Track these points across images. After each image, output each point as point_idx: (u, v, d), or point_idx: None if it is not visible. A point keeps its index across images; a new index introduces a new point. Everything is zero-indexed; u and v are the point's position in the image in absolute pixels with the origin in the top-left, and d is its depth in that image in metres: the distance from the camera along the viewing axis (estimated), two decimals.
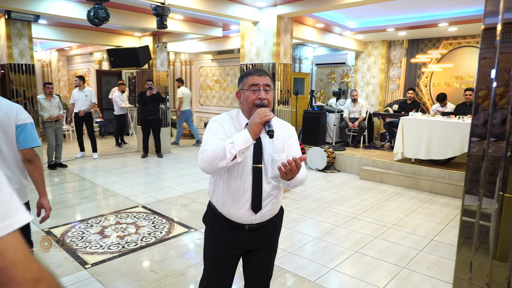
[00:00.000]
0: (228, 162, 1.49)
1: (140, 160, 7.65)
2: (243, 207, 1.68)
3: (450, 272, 3.13)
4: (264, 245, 1.84)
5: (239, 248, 1.79)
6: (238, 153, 1.49)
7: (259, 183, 1.67)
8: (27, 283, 0.58)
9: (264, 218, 1.75)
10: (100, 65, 11.24)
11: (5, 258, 0.57)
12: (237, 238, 1.76)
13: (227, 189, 1.70)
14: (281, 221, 1.94)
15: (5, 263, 0.57)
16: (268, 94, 1.66)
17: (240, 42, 5.49)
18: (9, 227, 0.59)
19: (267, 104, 1.65)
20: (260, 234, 1.79)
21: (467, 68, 7.36)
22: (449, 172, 5.69)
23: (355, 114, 7.80)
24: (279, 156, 1.68)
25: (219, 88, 10.41)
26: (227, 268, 1.82)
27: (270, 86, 1.68)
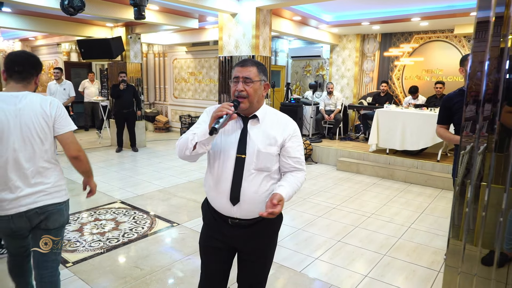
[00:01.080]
0: (190, 151, 1.59)
1: (115, 155, 7.45)
2: (223, 196, 1.67)
3: (428, 257, 3.28)
4: (255, 250, 1.78)
5: (224, 242, 1.76)
6: (199, 145, 1.56)
7: (240, 173, 1.64)
8: (80, 150, 2.02)
9: (246, 215, 1.68)
10: (68, 57, 10.78)
11: (74, 138, 2.01)
12: (222, 231, 1.74)
13: (211, 176, 1.72)
14: (275, 229, 1.82)
15: (74, 141, 2.00)
16: (248, 86, 1.61)
17: (218, 34, 5.43)
18: (73, 126, 2.00)
19: (247, 96, 1.61)
20: (246, 234, 1.73)
21: (437, 61, 7.64)
22: (421, 162, 5.92)
23: (330, 107, 7.93)
24: (265, 149, 1.64)
25: (194, 80, 10.26)
26: (216, 260, 1.81)
27: (250, 78, 1.61)
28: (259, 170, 1.65)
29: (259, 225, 1.73)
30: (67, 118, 1.99)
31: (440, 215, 4.36)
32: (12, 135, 1.85)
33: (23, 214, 1.90)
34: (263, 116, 1.69)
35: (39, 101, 1.90)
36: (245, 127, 1.66)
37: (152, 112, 11.00)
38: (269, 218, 1.66)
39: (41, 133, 1.90)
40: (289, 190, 1.63)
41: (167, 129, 10.90)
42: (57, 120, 1.94)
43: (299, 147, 1.73)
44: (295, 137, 1.71)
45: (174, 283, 2.79)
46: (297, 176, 1.71)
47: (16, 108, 1.85)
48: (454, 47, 7.39)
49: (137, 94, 7.71)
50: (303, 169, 1.75)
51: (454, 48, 7.40)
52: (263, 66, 1.70)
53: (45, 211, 1.95)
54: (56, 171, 2.03)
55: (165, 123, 10.82)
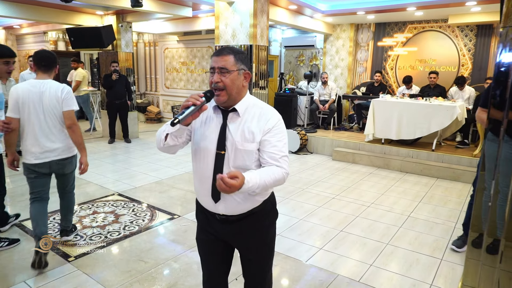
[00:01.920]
0: (162, 143, 1.57)
1: (108, 146, 7.32)
2: (205, 194, 1.62)
3: (429, 245, 3.33)
4: (249, 247, 1.72)
5: (215, 235, 1.70)
6: (170, 136, 1.53)
7: (220, 170, 1.54)
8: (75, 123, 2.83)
9: (232, 211, 1.61)
10: (55, 45, 10.48)
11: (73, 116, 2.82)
12: (212, 224, 1.70)
13: (195, 172, 1.68)
14: (266, 223, 1.72)
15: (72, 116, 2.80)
16: (224, 77, 1.49)
17: (215, 23, 5.32)
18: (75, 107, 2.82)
19: (223, 88, 1.49)
20: (236, 229, 1.66)
21: (430, 51, 7.68)
22: (417, 151, 5.98)
23: (325, 97, 7.92)
24: (243, 146, 1.52)
25: (186, 70, 10.11)
26: (211, 252, 1.77)
27: (226, 68, 1.49)
28: (237, 167, 1.54)
29: (248, 219, 1.64)
30: (71, 100, 2.84)
31: (438, 204, 4.42)
32: (37, 109, 2.74)
33: (47, 163, 2.83)
34: (243, 109, 1.56)
35: (55, 87, 2.79)
36: (225, 122, 1.55)
37: (143, 103, 10.83)
38: (257, 213, 1.64)
39: (54, 109, 2.79)
40: (256, 176, 1.43)
41: (159, 119, 10.75)
42: (64, 101, 2.80)
43: (278, 142, 1.54)
44: (275, 130, 1.54)
45: (181, 275, 2.77)
46: (272, 169, 1.51)
47: (40, 91, 2.75)
48: (447, 37, 7.43)
49: (129, 85, 7.57)
50: (282, 167, 1.54)
51: (447, 38, 7.44)
52: (242, 54, 1.55)
53: (61, 162, 2.90)
54: (67, 136, 2.89)
55: (156, 113, 10.67)
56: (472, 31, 7.17)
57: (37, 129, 2.75)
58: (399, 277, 2.80)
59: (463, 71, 7.34)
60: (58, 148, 2.84)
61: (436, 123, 5.72)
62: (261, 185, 1.45)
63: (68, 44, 10.41)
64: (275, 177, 1.50)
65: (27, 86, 2.75)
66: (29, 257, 2.97)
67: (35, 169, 2.82)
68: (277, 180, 1.52)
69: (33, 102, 2.73)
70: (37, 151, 2.78)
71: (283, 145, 1.56)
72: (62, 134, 2.85)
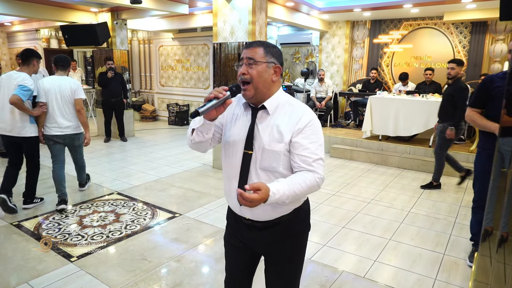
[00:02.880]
0: (189, 138, 1.53)
1: (103, 145, 7.25)
2: (232, 195, 1.54)
3: (431, 241, 3.36)
4: (276, 256, 1.62)
5: (242, 242, 1.64)
6: (196, 132, 1.47)
7: (246, 171, 1.48)
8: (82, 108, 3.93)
9: (256, 216, 1.53)
10: (48, 43, 10.33)
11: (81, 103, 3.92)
12: (240, 230, 1.63)
13: (224, 171, 1.61)
14: (296, 233, 1.60)
15: (80, 103, 3.90)
16: (251, 68, 1.42)
17: (213, 19, 5.28)
18: (83, 96, 3.93)
19: (250, 80, 1.42)
20: (264, 236, 1.57)
21: (426, 48, 7.72)
22: (414, 148, 6.02)
23: (322, 94, 7.94)
24: (270, 146, 1.44)
25: (181, 68, 10.05)
26: (235, 258, 1.72)
27: (254, 59, 1.41)
28: (264, 169, 1.47)
29: (277, 228, 1.55)
30: (80, 91, 3.93)
31: (437, 199, 4.46)
32: (57, 96, 3.80)
33: (62, 136, 3.87)
34: (274, 107, 1.47)
35: (69, 81, 3.88)
36: (253, 120, 1.48)
37: (138, 101, 10.73)
38: (287, 221, 1.55)
39: (69, 97, 3.86)
40: (284, 186, 1.34)
41: (154, 118, 10.68)
42: (75, 92, 3.88)
43: (312, 144, 1.42)
44: (307, 131, 1.43)
45: (186, 274, 2.75)
46: (304, 175, 1.40)
47: (58, 84, 3.82)
48: (442, 34, 7.48)
49: (125, 83, 7.50)
50: (315, 171, 1.42)
51: (442, 35, 7.48)
52: (273, 48, 1.47)
53: (71, 136, 3.94)
54: (76, 118, 3.94)
55: (151, 112, 10.59)
56: (466, 28, 7.22)
57: (57, 110, 3.81)
58: (403, 273, 2.81)
59: None
60: (70, 126, 3.89)
61: (434, 119, 5.75)
62: (291, 195, 1.35)
63: (61, 41, 10.27)
64: (306, 185, 1.39)
65: (50, 80, 3.85)
66: (31, 257, 2.94)
67: (53, 138, 3.87)
68: (309, 188, 1.40)
69: (54, 92, 3.79)
70: (56, 127, 3.83)
71: (317, 147, 1.44)
72: (73, 115, 3.91)
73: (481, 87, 2.77)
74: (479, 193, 2.87)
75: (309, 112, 1.48)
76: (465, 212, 4.02)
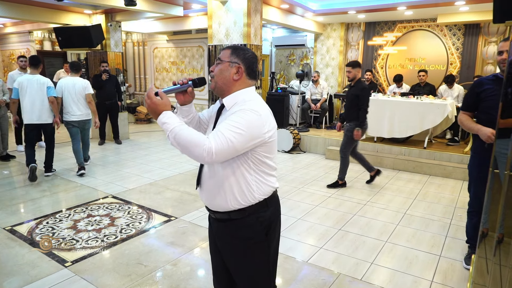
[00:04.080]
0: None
1: (98, 148, 7.20)
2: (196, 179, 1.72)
3: (427, 242, 3.37)
4: (227, 258, 1.67)
5: (213, 238, 1.75)
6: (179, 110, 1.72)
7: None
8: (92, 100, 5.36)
9: (209, 204, 1.62)
10: (41, 45, 10.25)
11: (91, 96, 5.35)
12: (211, 226, 1.76)
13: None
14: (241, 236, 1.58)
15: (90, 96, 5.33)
16: (216, 66, 1.60)
17: (208, 22, 5.28)
18: (91, 91, 5.37)
19: (213, 76, 1.60)
20: (217, 230, 1.67)
21: (420, 50, 7.78)
22: (409, 149, 6.05)
23: (316, 96, 7.95)
24: None
25: (176, 70, 10.02)
26: (213, 256, 1.80)
27: (220, 58, 1.59)
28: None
29: (228, 225, 1.60)
30: (89, 88, 5.30)
31: (432, 201, 4.48)
32: (72, 93, 5.15)
33: (77, 121, 5.21)
34: (231, 103, 1.54)
35: (81, 81, 5.25)
36: (218, 114, 1.65)
37: (133, 103, 10.68)
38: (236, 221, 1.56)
39: (81, 93, 5.20)
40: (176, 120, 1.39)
41: (149, 120, 10.62)
42: (86, 88, 5.24)
43: (225, 124, 1.40)
44: (233, 116, 1.43)
45: (182, 278, 2.73)
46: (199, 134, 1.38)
47: (73, 83, 5.19)
48: (436, 36, 7.54)
49: (119, 85, 7.46)
50: (210, 140, 1.36)
51: (436, 37, 7.54)
52: (242, 51, 1.57)
53: (83, 121, 5.28)
54: (87, 107, 5.29)
55: (146, 114, 10.53)
56: (460, 30, 7.29)
57: (72, 103, 5.19)
58: (400, 275, 2.82)
59: (452, 69, 7.46)
60: (82, 114, 5.28)
61: (428, 120, 5.80)
62: (175, 132, 1.36)
63: (54, 43, 10.20)
64: (193, 139, 1.34)
65: (66, 80, 5.25)
66: (24, 263, 2.90)
67: (71, 123, 5.25)
68: (191, 144, 1.34)
69: (68, 89, 5.19)
70: (73, 115, 5.21)
71: (229, 127, 1.38)
72: (84, 106, 5.30)
73: (470, 91, 2.78)
74: (474, 197, 2.86)
75: (252, 106, 1.45)
76: (460, 214, 4.04)
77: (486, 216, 2.01)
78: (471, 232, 2.96)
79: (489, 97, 2.60)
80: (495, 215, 1.58)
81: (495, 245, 1.48)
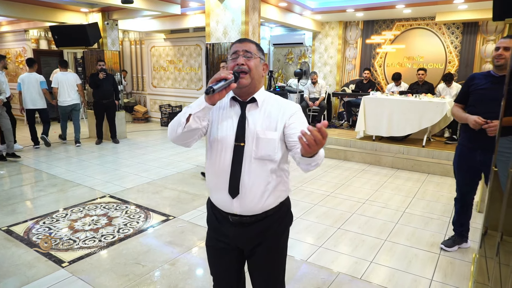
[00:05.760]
0: (183, 127, 1.43)
1: (95, 147, 7.15)
2: (221, 189, 1.53)
3: (427, 241, 3.36)
4: (259, 251, 1.61)
5: (226, 242, 1.62)
6: (194, 117, 1.42)
7: (239, 163, 1.49)
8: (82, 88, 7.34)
9: (247, 210, 1.53)
10: (37, 44, 10.18)
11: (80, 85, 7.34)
12: (224, 231, 1.61)
13: (210, 168, 1.59)
14: (282, 223, 1.64)
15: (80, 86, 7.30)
16: (249, 60, 1.47)
17: (205, 20, 5.24)
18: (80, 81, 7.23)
19: (248, 70, 1.47)
20: (248, 232, 1.57)
21: (418, 49, 7.76)
22: (407, 148, 6.04)
23: (315, 94, 7.93)
24: (265, 135, 1.48)
25: (173, 69, 9.97)
26: (220, 261, 1.69)
27: (251, 52, 1.48)
28: (260, 159, 1.49)
29: (263, 223, 1.57)
30: (78, 79, 7.17)
31: (431, 199, 4.47)
32: (64, 83, 6.95)
33: (68, 106, 7.07)
34: (262, 99, 1.53)
35: (72, 75, 7.18)
36: (243, 112, 1.51)
37: (130, 102, 10.63)
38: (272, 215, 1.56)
39: (72, 83, 7.05)
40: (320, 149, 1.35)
41: (146, 119, 10.58)
42: (76, 80, 7.11)
43: (301, 122, 1.49)
44: (298, 114, 1.52)
45: (180, 278, 2.70)
46: None
47: (66, 77, 7.02)
48: (434, 34, 7.53)
49: (116, 84, 7.41)
50: None
51: (434, 35, 7.53)
52: (260, 47, 1.58)
53: (73, 105, 7.11)
54: (77, 94, 7.12)
55: (144, 113, 10.50)
56: (458, 29, 7.28)
57: (66, 92, 6.90)
58: (400, 273, 2.80)
59: (450, 68, 7.45)
60: (73, 99, 7.00)
61: (427, 119, 5.79)
62: (321, 153, 1.36)
63: (51, 42, 10.12)
64: (323, 152, 1.40)
65: (60, 74, 6.94)
66: (21, 263, 2.87)
67: (64, 107, 7.01)
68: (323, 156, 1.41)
69: (62, 81, 6.86)
70: (64, 100, 6.93)
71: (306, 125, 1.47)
72: (74, 93, 7.01)
73: (464, 84, 2.97)
74: (456, 186, 3.10)
75: (293, 103, 1.58)
76: None
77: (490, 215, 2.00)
78: (454, 218, 3.21)
79: (476, 90, 2.79)
80: (497, 213, 1.56)
81: (497, 244, 1.46)
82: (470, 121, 2.71)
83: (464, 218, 3.13)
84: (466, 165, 2.92)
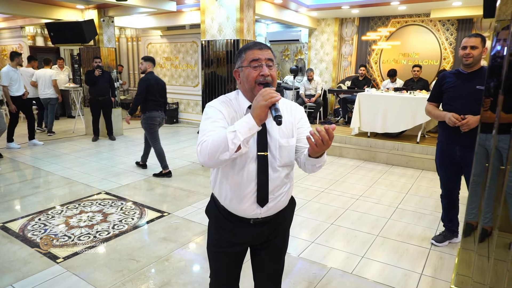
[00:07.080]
0: (231, 154, 1.30)
1: (92, 144, 7.17)
2: (246, 201, 1.51)
3: (418, 236, 3.40)
4: (272, 241, 1.67)
5: (243, 244, 1.65)
6: (243, 143, 1.30)
7: (265, 173, 1.48)
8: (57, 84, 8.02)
9: (271, 212, 1.58)
10: (33, 41, 10.15)
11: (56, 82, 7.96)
12: (242, 233, 1.61)
13: (228, 181, 1.52)
14: (291, 215, 1.76)
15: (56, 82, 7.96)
16: (271, 70, 1.44)
17: (200, 17, 5.25)
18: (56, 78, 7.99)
19: (271, 82, 1.43)
20: (267, 229, 1.62)
21: (413, 45, 7.80)
22: (402, 144, 6.08)
23: (311, 91, 7.96)
24: (287, 142, 1.50)
25: (170, 66, 9.97)
26: (232, 264, 1.69)
27: (273, 61, 1.46)
28: (284, 166, 1.53)
29: (276, 219, 1.63)
30: (54, 76, 7.84)
31: (424, 195, 4.51)
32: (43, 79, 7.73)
33: (46, 98, 7.83)
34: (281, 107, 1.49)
35: (49, 71, 7.83)
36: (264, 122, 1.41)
37: (127, 99, 10.62)
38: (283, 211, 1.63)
39: (49, 80, 7.76)
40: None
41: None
42: (51, 76, 7.81)
43: (309, 128, 1.54)
44: (304, 118, 1.60)
45: (174, 273, 2.74)
46: None
47: (44, 73, 7.75)
48: (429, 31, 7.55)
49: (112, 81, 7.41)
50: None
51: (429, 32, 7.56)
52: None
53: (49, 99, 7.83)
54: (52, 89, 7.82)
55: None
56: (453, 25, 7.31)
57: (42, 86, 7.64)
58: (390, 268, 2.85)
59: (445, 64, 7.49)
60: (49, 93, 7.70)
61: (421, 115, 5.81)
62: (325, 156, 1.47)
63: (47, 39, 10.10)
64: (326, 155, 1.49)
65: (40, 71, 7.68)
66: (15, 259, 2.90)
67: (42, 99, 7.79)
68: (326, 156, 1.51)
69: (40, 76, 7.64)
70: (43, 94, 7.67)
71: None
72: (50, 88, 7.69)
73: (435, 83, 3.07)
74: (441, 182, 3.21)
75: (295, 103, 1.65)
76: None
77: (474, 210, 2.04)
78: (442, 215, 3.29)
79: (448, 88, 2.89)
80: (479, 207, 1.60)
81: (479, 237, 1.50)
82: (446, 118, 2.81)
83: (452, 214, 3.18)
84: (448, 161, 3.01)
